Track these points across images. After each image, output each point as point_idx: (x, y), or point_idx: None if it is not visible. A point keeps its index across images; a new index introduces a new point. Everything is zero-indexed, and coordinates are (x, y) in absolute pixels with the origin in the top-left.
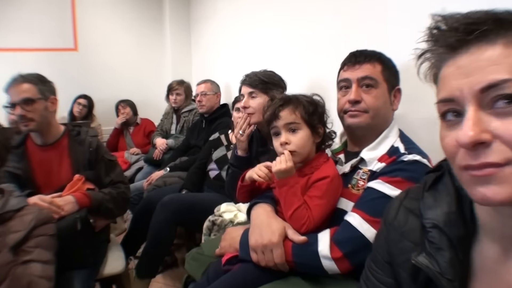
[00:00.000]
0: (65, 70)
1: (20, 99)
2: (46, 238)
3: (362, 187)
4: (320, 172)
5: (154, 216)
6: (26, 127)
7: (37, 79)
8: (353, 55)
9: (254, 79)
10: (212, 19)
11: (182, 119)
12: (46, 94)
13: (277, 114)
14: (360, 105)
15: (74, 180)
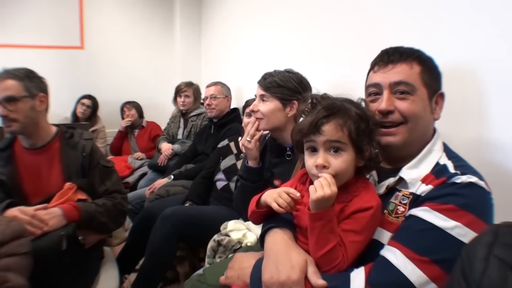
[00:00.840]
0: (70, 69)
1: (2, 97)
2: (17, 259)
3: (402, 214)
4: (361, 200)
5: (153, 230)
6: (8, 128)
7: (23, 74)
8: (386, 52)
9: (269, 81)
10: (224, 19)
11: (190, 123)
12: (33, 92)
13: (319, 127)
14: (394, 116)
15: (65, 189)
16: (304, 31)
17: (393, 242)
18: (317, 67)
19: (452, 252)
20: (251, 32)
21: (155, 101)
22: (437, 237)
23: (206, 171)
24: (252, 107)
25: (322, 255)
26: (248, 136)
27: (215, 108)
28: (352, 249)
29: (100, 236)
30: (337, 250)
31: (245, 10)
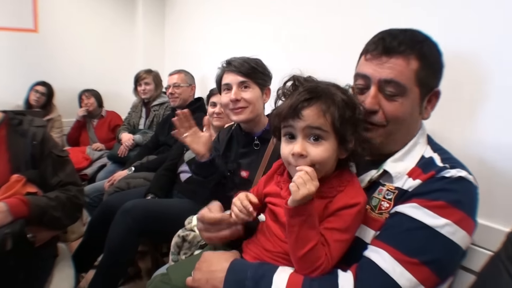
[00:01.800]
0: (23, 54)
1: None
2: None
3: (386, 211)
4: (346, 196)
5: (112, 225)
6: None
7: None
8: (383, 38)
9: (245, 66)
10: (189, 4)
11: (152, 113)
12: None
13: (299, 111)
14: (377, 116)
15: (11, 181)
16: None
17: (378, 242)
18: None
19: (442, 251)
20: (216, 20)
21: (116, 89)
22: (427, 237)
23: (169, 162)
24: (234, 96)
25: (303, 255)
26: None
27: (178, 97)
28: (337, 248)
29: (54, 233)
30: (320, 249)
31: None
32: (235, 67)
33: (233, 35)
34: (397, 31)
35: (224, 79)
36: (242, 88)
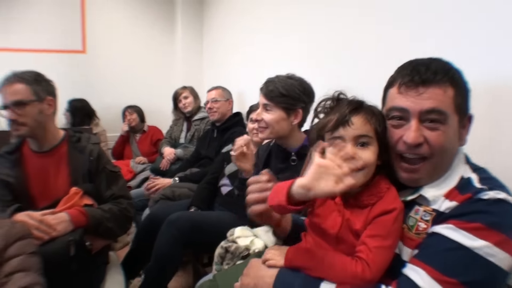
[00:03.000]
0: (72, 73)
1: (11, 102)
2: (24, 258)
3: (424, 231)
4: (383, 202)
5: (159, 235)
6: (16, 132)
7: (31, 78)
8: (416, 70)
9: (272, 90)
10: (226, 23)
11: (193, 127)
12: (41, 95)
13: (347, 120)
14: (422, 149)
15: (71, 194)
16: (310, 35)
17: (416, 261)
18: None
19: (481, 273)
20: (254, 35)
21: (157, 105)
22: (465, 257)
23: (210, 176)
24: (255, 116)
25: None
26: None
27: (216, 111)
28: (379, 255)
29: (106, 242)
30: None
31: (247, 14)
32: (264, 89)
33: (270, 51)
34: (426, 61)
35: (259, 98)
36: (265, 109)
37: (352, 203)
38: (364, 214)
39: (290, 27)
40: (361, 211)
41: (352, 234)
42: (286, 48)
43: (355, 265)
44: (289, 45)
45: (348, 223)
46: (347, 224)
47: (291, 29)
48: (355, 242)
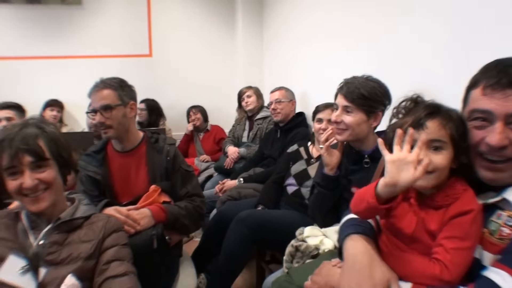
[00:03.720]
0: (139, 75)
1: (100, 106)
2: (119, 249)
3: (508, 237)
4: (460, 203)
5: (229, 232)
6: (105, 134)
7: (117, 84)
8: (503, 71)
9: (353, 91)
10: (286, 22)
11: (256, 126)
12: (125, 100)
13: (422, 123)
14: (507, 152)
15: (150, 191)
16: (377, 34)
17: (500, 264)
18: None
19: None
20: (316, 34)
21: (219, 104)
22: None
23: (276, 175)
24: (334, 118)
25: None
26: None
27: (280, 112)
28: (457, 256)
29: (181, 236)
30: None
31: (309, 12)
32: (345, 90)
33: (333, 51)
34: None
35: (336, 98)
36: (345, 111)
37: (427, 204)
38: (439, 215)
39: (356, 25)
40: (436, 212)
41: (427, 234)
42: (351, 47)
43: (433, 266)
44: (354, 44)
45: (423, 223)
46: (422, 224)
47: (357, 28)
48: (430, 242)
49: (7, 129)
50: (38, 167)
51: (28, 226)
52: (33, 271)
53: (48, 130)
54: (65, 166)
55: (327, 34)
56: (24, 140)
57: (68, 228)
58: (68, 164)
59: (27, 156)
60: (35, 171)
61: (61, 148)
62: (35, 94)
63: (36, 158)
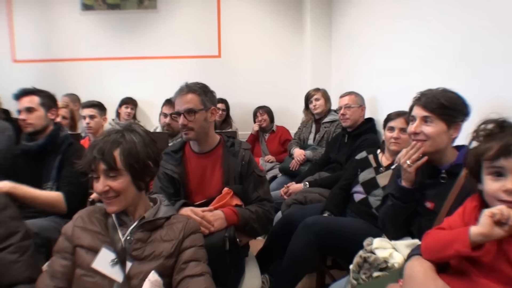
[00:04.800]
0: (208, 76)
1: (184, 109)
2: (196, 250)
3: None
4: None
5: (294, 237)
6: (186, 135)
7: (201, 89)
8: None
9: (432, 101)
10: (356, 25)
11: (323, 129)
12: (207, 105)
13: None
14: None
15: (223, 193)
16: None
17: None
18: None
19: None
20: (388, 38)
21: (285, 106)
22: None
23: (343, 182)
24: (413, 129)
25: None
26: (409, 160)
27: (349, 118)
28: None
29: (249, 238)
30: None
31: (380, 14)
32: (423, 101)
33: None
34: None
35: (413, 110)
36: (424, 122)
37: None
38: None
39: (431, 28)
40: None
41: (508, 264)
42: (426, 52)
43: None
44: (430, 50)
45: (505, 253)
46: (503, 254)
47: (433, 31)
48: (510, 272)
49: (99, 135)
50: (111, 174)
51: (116, 222)
52: (121, 264)
53: (128, 139)
54: (138, 176)
55: (400, 39)
56: (101, 150)
57: (151, 227)
58: (141, 174)
59: (102, 164)
60: (108, 178)
61: (135, 159)
62: (113, 92)
63: (108, 167)
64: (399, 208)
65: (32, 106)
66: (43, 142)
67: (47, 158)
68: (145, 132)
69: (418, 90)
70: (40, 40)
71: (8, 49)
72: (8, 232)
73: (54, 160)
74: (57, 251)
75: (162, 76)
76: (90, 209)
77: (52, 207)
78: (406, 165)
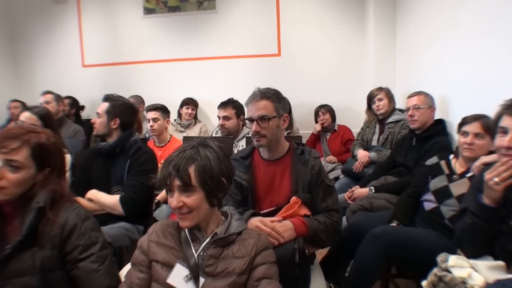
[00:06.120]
0: (268, 75)
1: (257, 116)
2: (268, 267)
3: None
4: None
5: (362, 246)
6: (258, 142)
7: (274, 96)
8: None
9: None
10: (424, 20)
11: (387, 130)
12: (280, 112)
13: None
14: None
15: (292, 202)
16: None
17: None
18: None
19: None
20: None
21: (347, 105)
22: None
23: (412, 189)
24: (506, 143)
25: None
26: (498, 177)
27: (417, 119)
28: None
29: (316, 249)
30: None
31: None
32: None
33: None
34: None
35: (503, 120)
36: None
37: None
38: None
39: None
40: None
41: None
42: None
43: None
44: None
45: None
46: None
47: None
48: None
49: (175, 150)
50: (185, 191)
51: (189, 237)
52: (194, 280)
53: (203, 155)
54: (211, 193)
55: (477, 34)
56: (176, 166)
57: (223, 243)
58: (214, 191)
59: (177, 180)
60: (182, 193)
61: (209, 176)
62: (174, 93)
63: (183, 183)
64: (480, 228)
65: (98, 112)
66: (113, 144)
67: (116, 161)
68: (219, 148)
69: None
70: (105, 45)
71: (79, 55)
72: (89, 242)
73: (123, 164)
74: (134, 264)
75: (222, 75)
76: (163, 223)
77: (113, 211)
78: (493, 182)
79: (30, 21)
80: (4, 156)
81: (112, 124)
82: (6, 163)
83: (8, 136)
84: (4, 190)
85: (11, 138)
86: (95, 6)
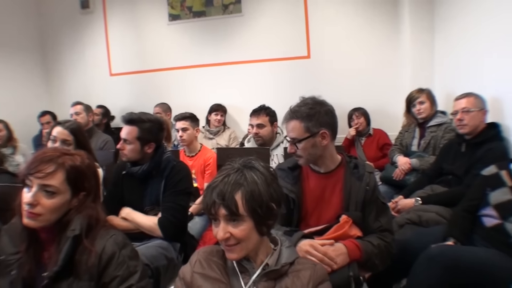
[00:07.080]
0: (298, 78)
1: (290, 138)
2: None
3: None
4: None
5: (418, 269)
6: (297, 161)
7: (304, 114)
8: None
9: None
10: (469, 14)
11: (428, 134)
12: (313, 130)
13: None
14: None
15: (342, 222)
16: None
17: None
18: None
19: None
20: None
21: (382, 108)
22: None
23: (468, 202)
24: None
25: None
26: None
27: (467, 124)
28: None
29: (367, 273)
30: None
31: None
32: None
33: None
34: None
35: None
36: None
37: None
38: None
39: None
40: None
41: None
42: None
43: None
44: None
45: None
46: None
47: None
48: None
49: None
50: (232, 220)
51: (237, 268)
52: None
53: (250, 180)
54: (261, 221)
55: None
56: (222, 193)
57: (276, 276)
58: (264, 219)
59: (223, 209)
60: (229, 223)
61: (258, 202)
62: (202, 99)
63: (230, 213)
64: None
65: (126, 138)
66: (147, 168)
67: (151, 181)
68: (265, 168)
69: None
70: (132, 53)
71: (106, 64)
72: (128, 273)
73: (158, 185)
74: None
75: (250, 80)
76: (207, 250)
77: (151, 233)
78: None
79: (58, 32)
80: (39, 181)
81: (146, 149)
82: (41, 188)
83: (43, 159)
84: (40, 217)
85: (46, 162)
86: (121, 15)
